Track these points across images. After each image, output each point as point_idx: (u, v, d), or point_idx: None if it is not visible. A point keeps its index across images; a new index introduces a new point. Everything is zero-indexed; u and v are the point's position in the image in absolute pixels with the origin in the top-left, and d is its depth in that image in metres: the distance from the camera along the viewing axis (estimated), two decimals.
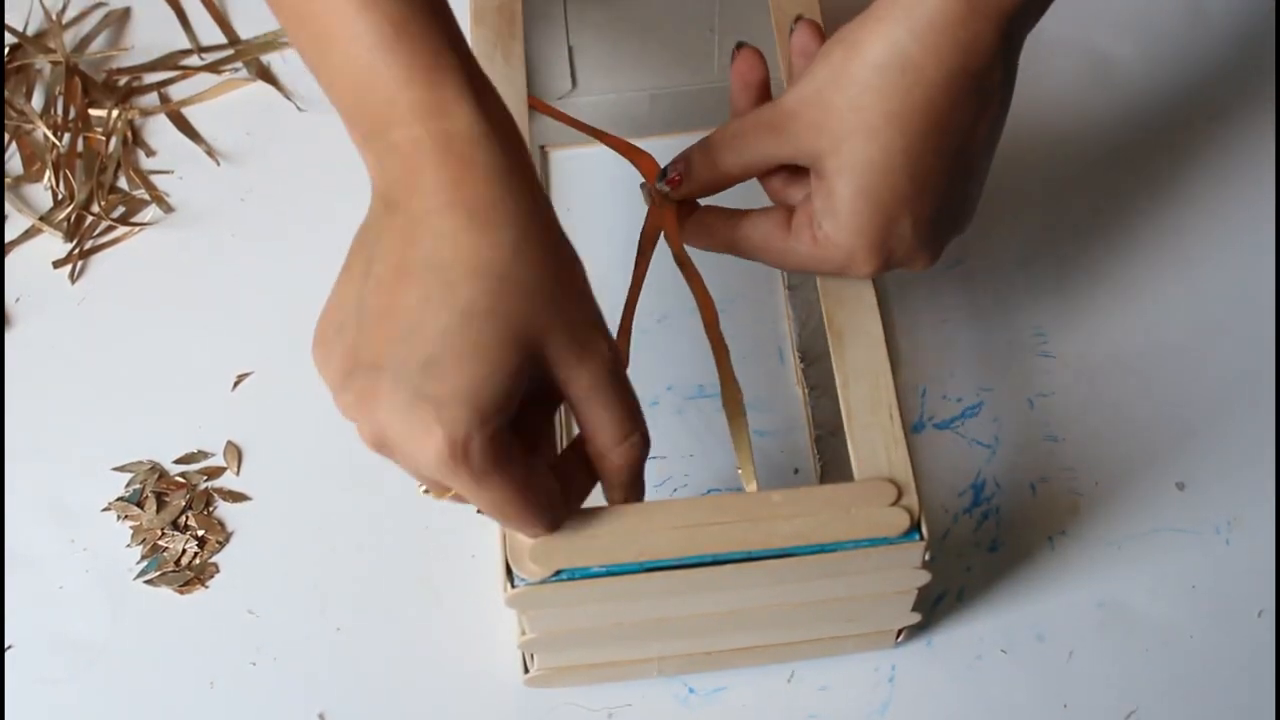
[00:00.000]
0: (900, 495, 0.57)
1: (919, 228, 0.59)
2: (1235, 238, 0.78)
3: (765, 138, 0.60)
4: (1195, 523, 0.70)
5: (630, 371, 0.73)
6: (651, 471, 0.71)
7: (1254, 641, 0.67)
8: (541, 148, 0.80)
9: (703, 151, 0.62)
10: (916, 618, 0.63)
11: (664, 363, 0.74)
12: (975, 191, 0.61)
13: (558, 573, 0.56)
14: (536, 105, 0.70)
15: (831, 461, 0.71)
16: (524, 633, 0.61)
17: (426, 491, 0.54)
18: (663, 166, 0.63)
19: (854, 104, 0.57)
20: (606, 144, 0.67)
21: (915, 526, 0.57)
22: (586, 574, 0.56)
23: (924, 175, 0.57)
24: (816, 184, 0.59)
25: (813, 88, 0.58)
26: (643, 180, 0.65)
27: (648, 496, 0.58)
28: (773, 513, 0.57)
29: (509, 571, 0.56)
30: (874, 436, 0.59)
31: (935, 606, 0.68)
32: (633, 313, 0.63)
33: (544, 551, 0.56)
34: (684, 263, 0.64)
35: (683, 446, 0.72)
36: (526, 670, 0.65)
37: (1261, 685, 0.66)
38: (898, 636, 0.66)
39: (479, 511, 0.53)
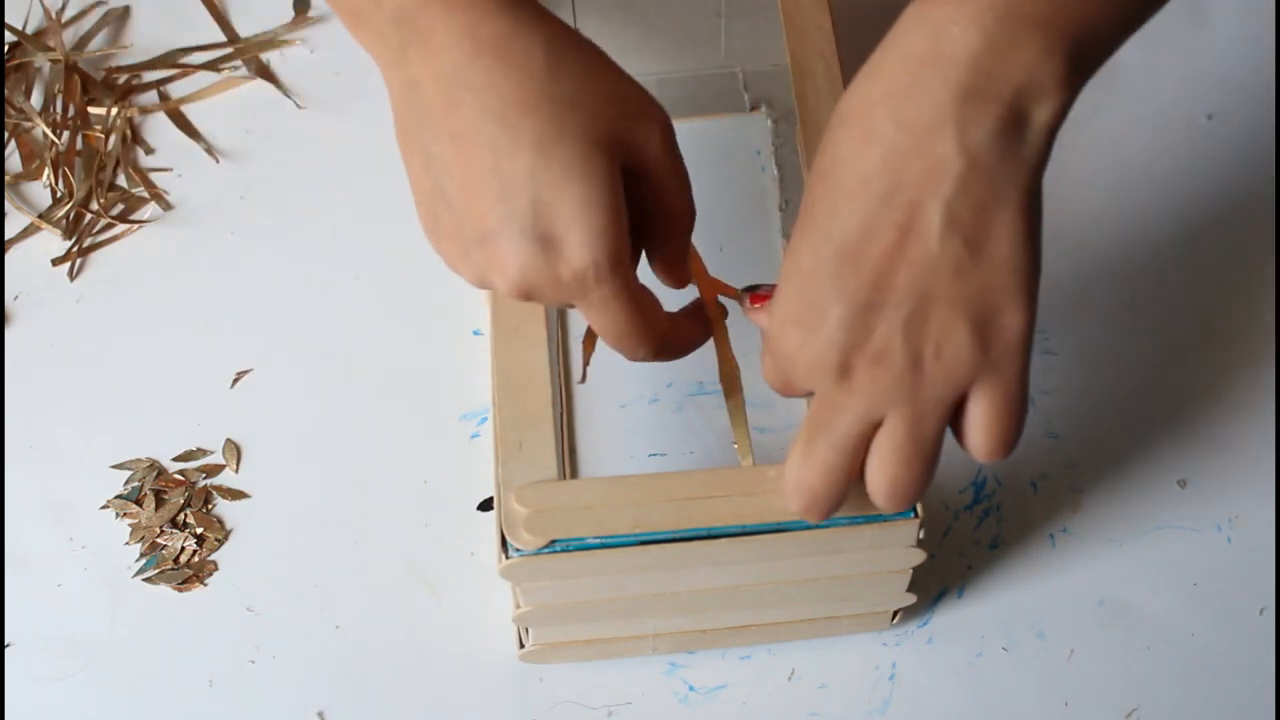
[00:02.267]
0: None
1: (850, 311, 0.49)
2: (1235, 237, 0.78)
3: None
4: (1196, 520, 0.70)
5: (630, 369, 0.73)
6: (652, 470, 0.71)
7: (1255, 639, 0.67)
8: None
9: None
10: (912, 599, 0.63)
11: None
12: (962, 293, 0.49)
13: (552, 543, 0.56)
14: None
15: None
16: (518, 605, 0.61)
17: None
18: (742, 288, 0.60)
19: (815, 164, 0.51)
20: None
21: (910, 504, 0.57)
22: (581, 545, 0.56)
23: (847, 241, 0.49)
24: None
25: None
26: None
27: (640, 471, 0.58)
28: (769, 487, 0.57)
29: (504, 542, 0.56)
30: None
31: (936, 604, 0.68)
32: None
33: (539, 522, 0.56)
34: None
35: (683, 444, 0.72)
36: (522, 646, 0.65)
37: (1263, 683, 0.66)
38: (893, 618, 0.66)
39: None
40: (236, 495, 0.71)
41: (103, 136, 0.82)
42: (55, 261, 0.78)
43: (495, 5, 0.51)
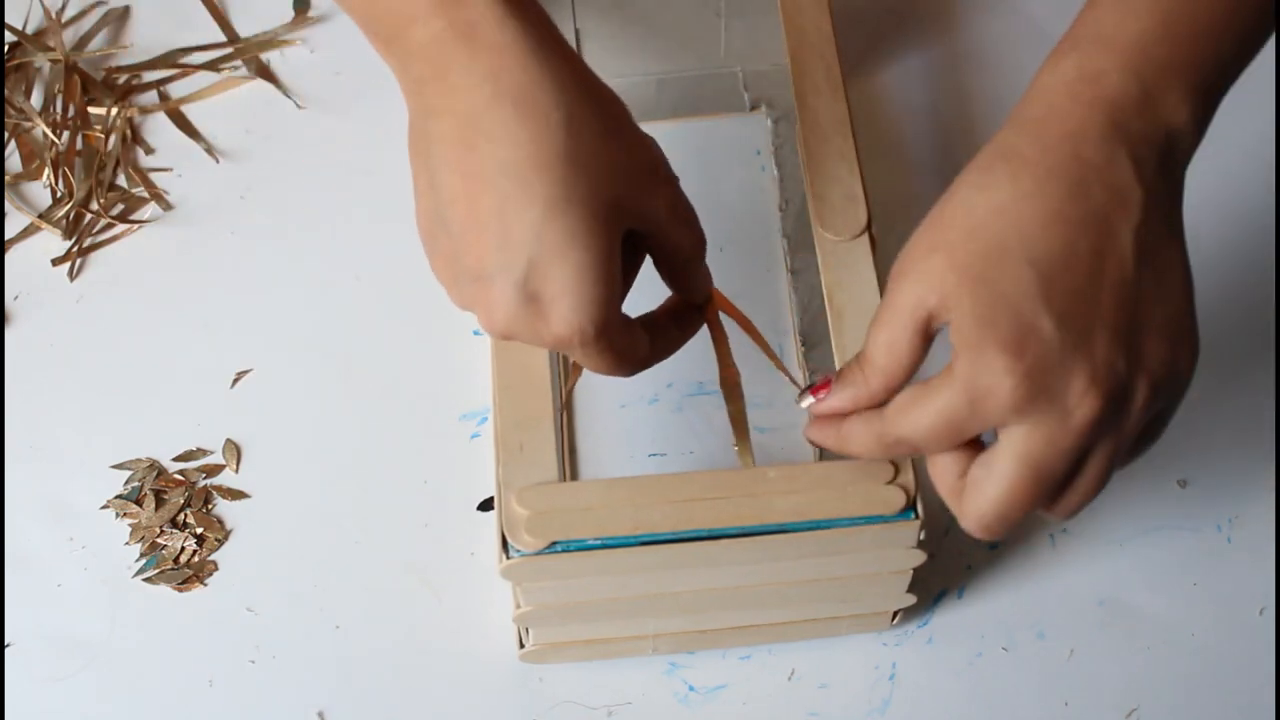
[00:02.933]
0: (897, 473, 0.58)
1: (1064, 325, 0.49)
2: (1235, 237, 0.78)
3: (897, 290, 0.52)
4: (1196, 520, 0.70)
5: None
6: (651, 470, 0.71)
7: (1255, 639, 0.67)
8: None
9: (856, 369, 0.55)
10: (912, 599, 0.64)
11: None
12: (1154, 322, 0.50)
13: (553, 544, 0.56)
14: None
15: None
16: (519, 606, 0.61)
17: None
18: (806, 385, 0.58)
19: (965, 206, 0.51)
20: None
21: (911, 505, 0.57)
22: (581, 546, 0.56)
23: (1051, 265, 0.49)
24: (945, 304, 0.51)
25: (927, 219, 0.52)
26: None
27: (642, 473, 0.58)
28: (769, 489, 0.57)
29: (504, 543, 0.56)
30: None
31: (936, 604, 0.68)
32: None
33: (539, 523, 0.56)
34: None
35: (682, 444, 0.72)
36: (522, 646, 0.65)
37: (1262, 683, 0.66)
38: (893, 619, 0.66)
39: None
40: (236, 495, 0.71)
41: (103, 136, 0.82)
42: (55, 261, 0.78)
43: (520, 51, 0.50)
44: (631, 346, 0.54)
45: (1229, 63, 0.53)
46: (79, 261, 0.78)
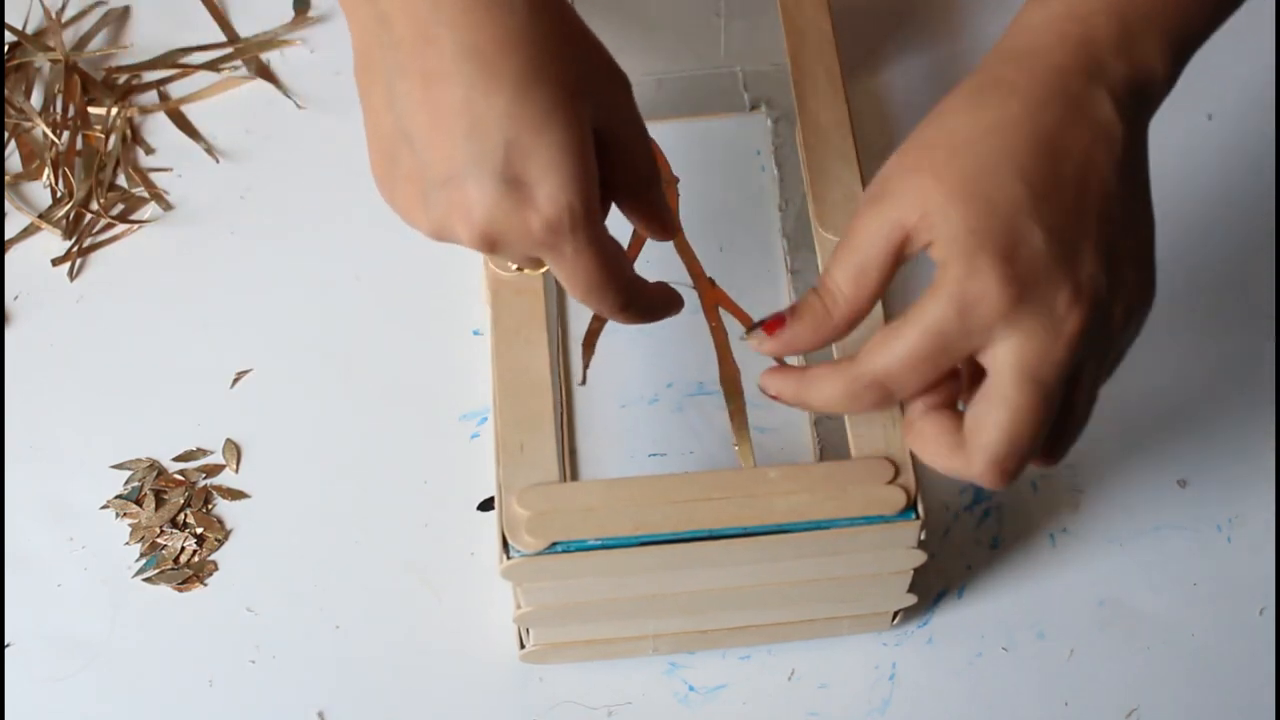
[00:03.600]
0: (897, 473, 0.58)
1: (1053, 238, 0.50)
2: (1235, 237, 0.78)
3: (869, 215, 0.51)
4: (1196, 520, 0.70)
5: (630, 369, 0.74)
6: (651, 470, 0.71)
7: (1255, 639, 0.67)
8: None
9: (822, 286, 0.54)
10: (912, 599, 0.64)
11: (664, 360, 0.74)
12: (1128, 250, 0.52)
13: (553, 545, 0.56)
14: None
15: (830, 445, 0.71)
16: (519, 606, 0.61)
17: (519, 270, 0.55)
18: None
19: (948, 129, 0.51)
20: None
21: (911, 505, 0.57)
22: (582, 546, 0.56)
23: (1042, 184, 0.50)
24: (928, 221, 0.51)
25: (905, 145, 0.53)
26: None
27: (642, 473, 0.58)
28: (769, 489, 0.57)
29: (505, 543, 0.56)
30: (872, 415, 0.59)
31: (936, 604, 0.68)
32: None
33: (540, 524, 0.56)
34: (682, 248, 0.64)
35: (682, 444, 0.72)
36: (522, 646, 0.65)
37: (1263, 683, 0.66)
38: (894, 619, 0.66)
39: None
40: (236, 495, 0.71)
41: (103, 136, 0.82)
42: (55, 261, 0.78)
43: None
44: (616, 253, 0.52)
45: (1206, 19, 0.54)
46: (79, 261, 0.78)
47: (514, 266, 0.55)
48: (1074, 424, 0.53)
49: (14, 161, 0.82)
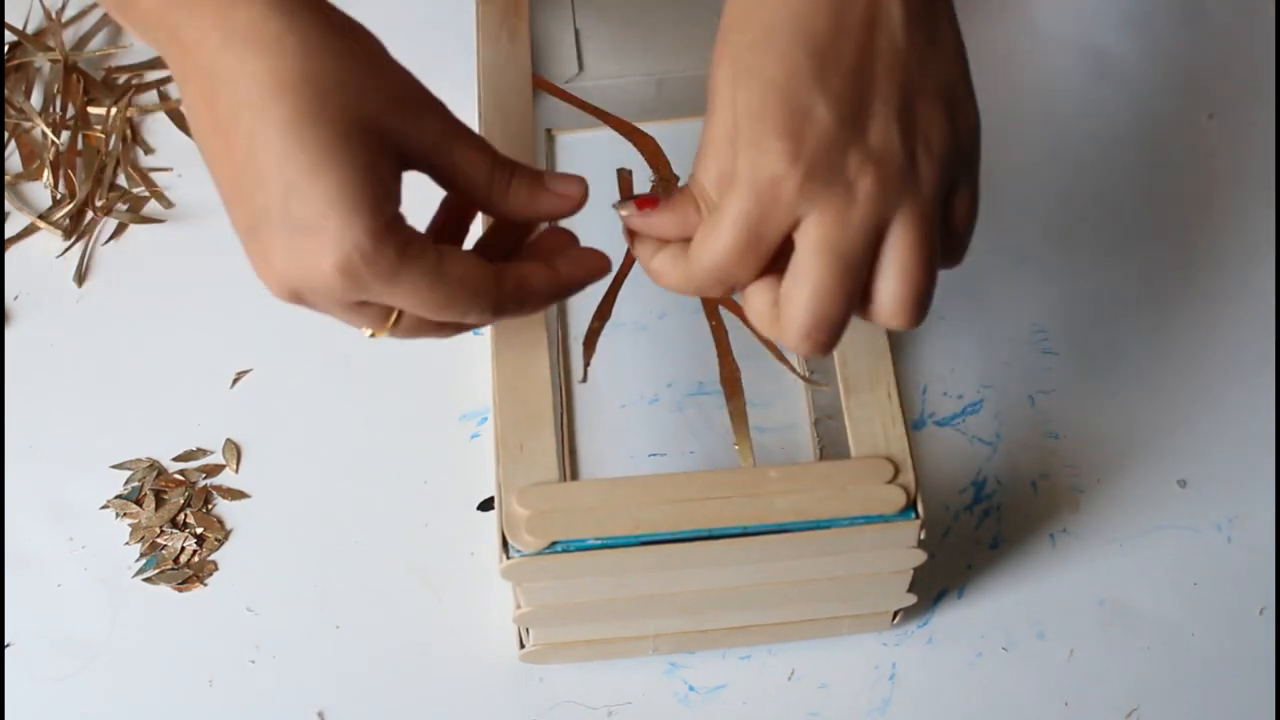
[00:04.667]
0: (897, 473, 0.58)
1: (837, 104, 0.49)
2: (1235, 236, 0.78)
3: (713, 120, 0.52)
4: (1196, 520, 0.70)
5: (630, 369, 0.74)
6: (651, 469, 0.71)
7: (1255, 639, 0.67)
8: (548, 131, 0.80)
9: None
10: (912, 599, 0.64)
11: (664, 360, 0.74)
12: (929, 89, 0.50)
13: (553, 544, 0.56)
14: (540, 84, 0.70)
15: (830, 445, 0.71)
16: (519, 606, 0.61)
17: (373, 335, 0.53)
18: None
19: (739, 6, 0.51)
20: (609, 125, 0.66)
21: (911, 505, 0.57)
22: (582, 546, 0.56)
23: (822, 43, 0.49)
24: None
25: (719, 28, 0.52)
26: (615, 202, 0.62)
27: (642, 472, 0.58)
28: (769, 488, 0.57)
29: (505, 543, 0.56)
30: (872, 415, 0.59)
31: (936, 604, 0.68)
32: (613, 298, 0.63)
33: (540, 523, 0.56)
34: None
35: (682, 443, 0.72)
36: (522, 646, 0.65)
37: (1262, 683, 0.66)
38: (894, 619, 0.66)
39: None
40: (236, 495, 0.71)
41: (103, 136, 0.82)
42: (55, 261, 0.78)
43: None
44: (456, 267, 0.50)
45: None
46: (79, 262, 0.78)
47: (368, 332, 0.53)
48: (898, 281, 0.50)
49: (14, 161, 0.82)
